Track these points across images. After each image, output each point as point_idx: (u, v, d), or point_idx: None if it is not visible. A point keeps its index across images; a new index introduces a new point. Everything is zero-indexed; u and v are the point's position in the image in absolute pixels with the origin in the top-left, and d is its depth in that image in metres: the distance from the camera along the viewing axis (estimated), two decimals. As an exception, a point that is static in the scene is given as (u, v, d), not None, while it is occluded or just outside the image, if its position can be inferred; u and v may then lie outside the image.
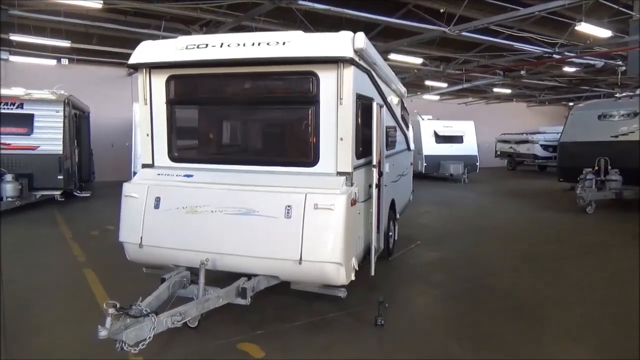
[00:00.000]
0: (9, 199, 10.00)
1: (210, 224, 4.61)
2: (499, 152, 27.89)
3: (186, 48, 4.80)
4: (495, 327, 4.71)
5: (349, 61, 4.40)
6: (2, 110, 10.64)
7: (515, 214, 11.82)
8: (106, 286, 5.65)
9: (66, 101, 11.36)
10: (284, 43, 4.53)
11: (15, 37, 12.12)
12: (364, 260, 5.22)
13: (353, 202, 4.51)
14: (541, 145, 24.56)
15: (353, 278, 4.59)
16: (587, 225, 10.25)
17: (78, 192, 12.45)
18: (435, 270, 6.66)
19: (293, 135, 5.20)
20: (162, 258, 4.84)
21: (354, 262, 4.61)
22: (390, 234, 7.10)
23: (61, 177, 10.90)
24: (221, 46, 4.68)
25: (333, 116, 4.56)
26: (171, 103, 5.09)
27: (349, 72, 4.46)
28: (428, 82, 21.20)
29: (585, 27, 10.59)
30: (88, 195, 12.86)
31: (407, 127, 8.68)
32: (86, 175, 14.36)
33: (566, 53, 14.52)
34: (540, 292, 5.75)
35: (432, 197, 15.01)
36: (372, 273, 5.20)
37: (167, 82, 5.06)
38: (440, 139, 20.30)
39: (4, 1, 10.03)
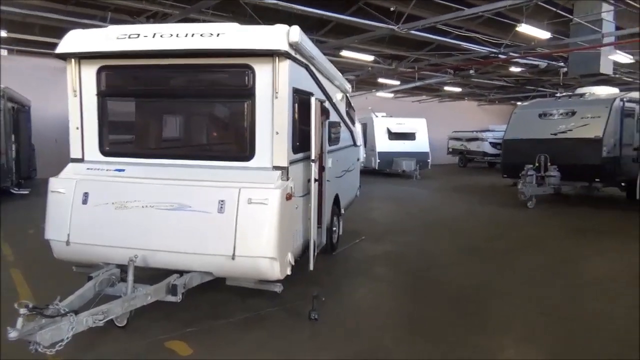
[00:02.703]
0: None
1: (141, 220, 4.47)
2: (451, 149, 28.64)
3: (117, 38, 4.63)
4: (431, 319, 4.79)
5: (284, 54, 4.37)
6: None
7: (461, 209, 12.15)
8: (33, 286, 5.40)
9: (1, 94, 10.76)
10: (218, 35, 4.44)
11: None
12: (304, 255, 5.21)
13: (288, 197, 4.48)
14: (490, 143, 25.39)
15: (289, 273, 4.57)
16: (527, 219, 10.65)
17: (15, 189, 11.85)
18: (378, 264, 6.75)
19: (228, 129, 5.13)
20: (90, 256, 4.66)
21: (290, 257, 4.59)
22: (334, 229, 7.12)
23: (-6, 173, 10.34)
24: (154, 36, 4.54)
25: (269, 110, 4.52)
26: (102, 95, 4.90)
27: (285, 65, 4.43)
28: (381, 80, 21.42)
29: (525, 29, 10.99)
30: (27, 192, 12.27)
31: (354, 123, 8.74)
32: (26, 172, 13.70)
33: (510, 53, 15.03)
34: (478, 284, 5.90)
35: (383, 193, 15.22)
36: (311, 268, 5.19)
37: (98, 73, 4.87)
38: (393, 135, 20.61)
39: None
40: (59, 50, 4.78)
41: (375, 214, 11.03)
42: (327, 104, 6.21)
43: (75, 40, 4.79)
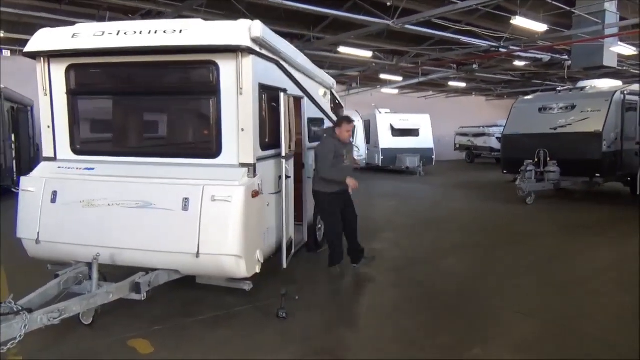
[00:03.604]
0: None
1: (108, 218, 4.46)
2: (458, 145, 28.36)
3: (83, 36, 4.61)
4: (402, 317, 4.73)
5: (247, 50, 4.32)
6: None
7: (461, 205, 12.01)
8: (11, 284, 5.42)
9: (-2, 94, 10.91)
10: (180, 31, 4.40)
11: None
12: (279, 253, 5.17)
13: (255, 194, 4.43)
14: (497, 138, 25.01)
15: (258, 271, 4.53)
16: (523, 215, 10.47)
17: (15, 188, 11.96)
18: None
19: (195, 127, 5.10)
20: (60, 254, 4.68)
21: (259, 255, 4.55)
22: (319, 226, 7.07)
23: (-11, 173, 10.48)
24: (118, 34, 4.52)
25: (234, 107, 4.48)
26: (72, 93, 4.89)
27: (248, 61, 4.38)
28: (384, 76, 21.26)
29: (520, 21, 10.78)
30: (27, 191, 12.39)
31: (341, 119, 8.64)
32: (27, 171, 13.83)
33: (511, 47, 14.79)
34: (459, 281, 5.81)
35: (384, 190, 15.12)
36: (284, 266, 5.16)
37: (67, 71, 4.86)
38: (397, 132, 20.47)
39: None
40: (28, 49, 4.79)
41: (370, 211, 10.91)
42: (305, 100, 6.15)
43: (43, 39, 4.77)
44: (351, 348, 4.10)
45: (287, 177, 5.19)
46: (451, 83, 24.64)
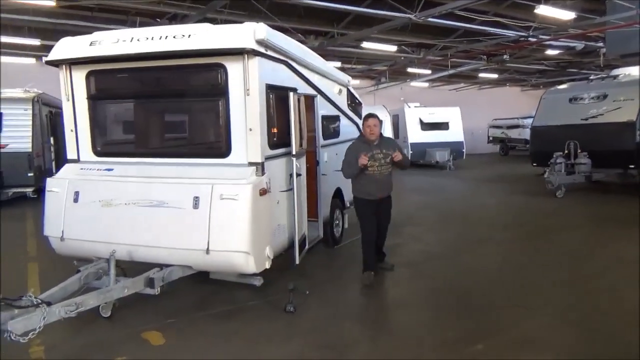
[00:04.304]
0: (-22, 197, 10.20)
1: (125, 217, 4.69)
2: (491, 138, 27.83)
3: (99, 43, 4.85)
4: (409, 312, 4.76)
5: (252, 52, 4.44)
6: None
7: (488, 199, 11.81)
8: (43, 278, 5.78)
9: (35, 99, 11.48)
10: (189, 36, 4.56)
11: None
12: (292, 250, 5.28)
13: (263, 192, 4.55)
14: (532, 130, 24.40)
15: (267, 267, 4.65)
16: (551, 209, 10.19)
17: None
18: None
19: (206, 127, 5.27)
20: (82, 250, 4.94)
21: (268, 251, 4.67)
22: (337, 222, 7.16)
23: (31, 174, 11.05)
24: (131, 40, 4.73)
25: (242, 107, 4.61)
26: (92, 98, 5.16)
27: (254, 62, 4.50)
28: (411, 69, 21.03)
29: (545, 10, 10.47)
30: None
31: (360, 115, 8.64)
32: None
33: (540, 36, 14.38)
34: (475, 276, 5.78)
35: (411, 184, 15.03)
36: (297, 262, 5.26)
37: (87, 77, 5.13)
38: (426, 126, 20.25)
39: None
40: (50, 57, 5.07)
41: (396, 206, 10.85)
42: (318, 99, 6.23)
43: (64, 48, 5.05)
44: (354, 343, 4.16)
45: (298, 174, 5.29)
46: (482, 74, 24.13)
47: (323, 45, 15.32)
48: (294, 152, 5.16)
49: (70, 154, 5.33)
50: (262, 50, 4.55)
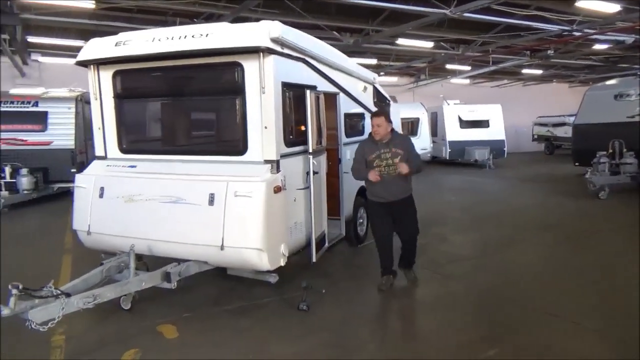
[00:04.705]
0: (25, 192, 10.74)
1: (145, 212, 4.83)
2: (536, 136, 26.81)
3: (124, 44, 5.02)
4: (425, 314, 4.68)
5: (268, 50, 4.46)
6: (19, 109, 11.41)
7: (525, 200, 11.40)
8: (74, 270, 6.02)
9: (79, 98, 11.97)
10: (207, 35, 4.64)
11: (32, 39, 12.89)
12: (320, 247, 5.29)
13: (277, 189, 4.58)
14: (579, 128, 23.35)
15: (282, 264, 4.67)
16: (591, 211, 9.73)
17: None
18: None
19: (224, 125, 5.34)
20: (107, 244, 5.13)
21: (283, 249, 4.69)
22: (361, 220, 7.10)
23: (74, 170, 11.52)
24: (152, 41, 4.86)
25: (258, 105, 4.65)
26: (117, 97, 5.34)
27: (269, 61, 4.53)
28: (449, 66, 20.54)
29: (586, 3, 9.96)
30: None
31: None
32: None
33: (585, 30, 13.71)
34: (499, 280, 5.61)
35: (447, 184, 14.75)
36: (314, 260, 5.25)
37: (113, 77, 5.31)
38: (465, 124, 19.76)
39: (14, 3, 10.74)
40: (79, 58, 5.28)
41: (427, 205, 10.66)
42: (340, 96, 6.19)
43: (92, 49, 5.25)
44: (364, 343, 4.12)
45: (315, 172, 5.28)
46: (526, 71, 23.27)
47: (358, 43, 15.21)
48: (310, 150, 5.16)
49: (98, 151, 5.54)
50: (277, 48, 4.57)
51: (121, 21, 12.51)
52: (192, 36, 4.68)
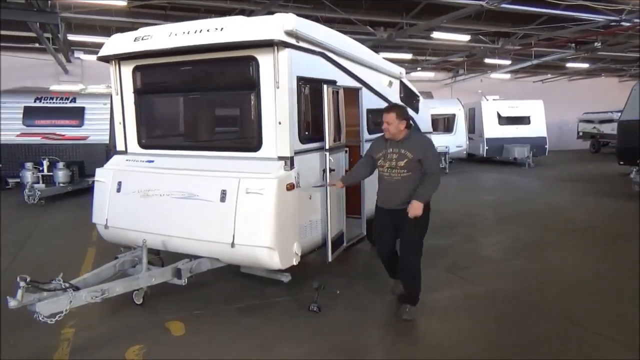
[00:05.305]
0: (61, 185, 11.10)
1: (160, 207, 4.82)
2: (581, 133, 25.66)
3: (142, 39, 5.01)
4: (437, 320, 4.44)
5: (282, 44, 4.35)
6: (58, 105, 11.81)
7: (562, 200, 10.86)
8: (96, 262, 6.12)
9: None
10: (222, 29, 4.56)
11: (72, 37, 13.30)
12: (333, 247, 5.14)
13: (290, 187, 4.47)
14: (628, 125, 22.12)
15: (294, 263, 4.55)
16: (631, 213, 9.09)
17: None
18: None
19: (238, 121, 5.26)
20: (123, 238, 5.16)
21: (296, 248, 4.57)
22: (384, 219, 6.88)
23: (108, 164, 11.85)
24: (169, 35, 4.82)
25: (273, 100, 4.55)
26: (137, 92, 5.35)
27: (284, 54, 4.41)
28: (488, 60, 19.84)
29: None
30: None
31: (416, 110, 8.24)
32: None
33: (635, 20, 12.90)
34: (519, 285, 5.29)
35: (482, 182, 14.31)
36: (329, 259, 5.11)
37: (134, 72, 5.33)
38: (504, 120, 19.08)
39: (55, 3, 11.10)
40: (101, 53, 5.32)
41: (458, 204, 10.36)
42: (362, 91, 6.01)
43: (113, 44, 5.28)
44: (372, 347, 3.97)
45: (331, 170, 5.13)
46: (571, 64, 22.23)
47: (392, 37, 14.92)
48: (327, 147, 5.02)
49: (119, 145, 5.59)
50: (292, 41, 4.44)
51: (156, 18, 12.73)
52: (207, 30, 4.61)
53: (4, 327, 4.09)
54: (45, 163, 11.11)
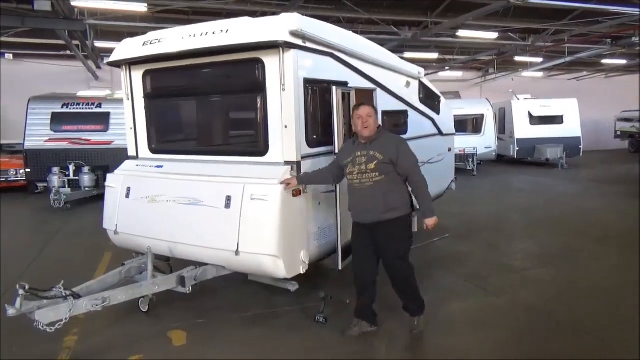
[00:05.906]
0: (87, 189, 11.28)
1: (166, 213, 4.75)
2: (619, 132, 24.60)
3: (150, 43, 4.96)
4: (449, 333, 4.20)
5: (287, 45, 4.20)
6: (84, 110, 12.03)
7: (594, 204, 10.33)
8: (110, 267, 6.12)
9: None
10: (227, 31, 4.46)
11: (99, 44, 13.56)
12: (344, 255, 4.93)
13: (297, 193, 4.32)
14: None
15: (302, 272, 4.39)
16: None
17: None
18: (441, 267, 6.02)
19: (246, 125, 5.14)
20: (132, 244, 5.13)
21: (303, 256, 4.41)
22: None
23: (132, 168, 12.00)
24: (176, 39, 4.75)
25: (279, 103, 4.41)
26: (147, 97, 5.31)
27: (290, 56, 4.26)
28: (518, 58, 19.21)
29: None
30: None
31: (437, 110, 7.96)
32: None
33: (675, 12, 12.20)
34: (541, 299, 4.97)
35: (511, 184, 13.81)
36: (339, 268, 4.92)
37: (143, 76, 5.29)
38: (536, 120, 18.40)
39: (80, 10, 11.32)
40: (111, 59, 5.32)
41: (483, 209, 9.99)
42: (377, 92, 5.80)
43: (123, 48, 5.26)
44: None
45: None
46: (607, 61, 21.31)
47: (417, 37, 14.60)
48: (336, 151, 4.83)
49: (130, 150, 5.56)
50: (298, 42, 4.29)
51: (180, 23, 12.83)
52: (213, 33, 4.51)
53: (7, 334, 4.07)
54: (72, 168, 11.33)
